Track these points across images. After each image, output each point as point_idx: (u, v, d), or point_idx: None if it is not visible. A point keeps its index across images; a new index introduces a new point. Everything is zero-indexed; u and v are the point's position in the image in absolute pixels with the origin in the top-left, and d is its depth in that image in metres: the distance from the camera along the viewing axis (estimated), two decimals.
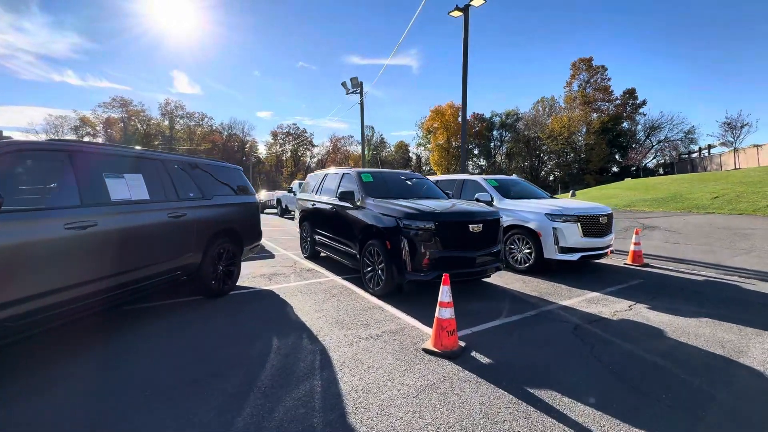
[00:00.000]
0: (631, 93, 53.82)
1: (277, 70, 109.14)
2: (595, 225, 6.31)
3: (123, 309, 4.39)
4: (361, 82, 19.98)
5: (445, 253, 4.61)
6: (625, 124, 53.47)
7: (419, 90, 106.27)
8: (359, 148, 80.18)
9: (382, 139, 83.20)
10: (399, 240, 4.59)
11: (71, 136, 61.44)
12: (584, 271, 6.57)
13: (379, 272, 4.95)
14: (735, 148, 28.40)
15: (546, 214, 6.24)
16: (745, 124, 26.47)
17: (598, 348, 3.49)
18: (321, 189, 7.29)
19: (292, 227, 14.32)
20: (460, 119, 61.03)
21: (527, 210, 6.56)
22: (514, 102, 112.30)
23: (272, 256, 8.03)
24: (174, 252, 4.18)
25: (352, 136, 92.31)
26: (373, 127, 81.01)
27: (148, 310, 4.42)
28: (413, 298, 4.97)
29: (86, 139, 59.76)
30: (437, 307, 3.40)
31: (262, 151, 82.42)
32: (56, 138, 26.05)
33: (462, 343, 3.46)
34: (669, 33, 79.07)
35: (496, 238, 5.13)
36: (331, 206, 6.45)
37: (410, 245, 4.54)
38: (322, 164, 79.31)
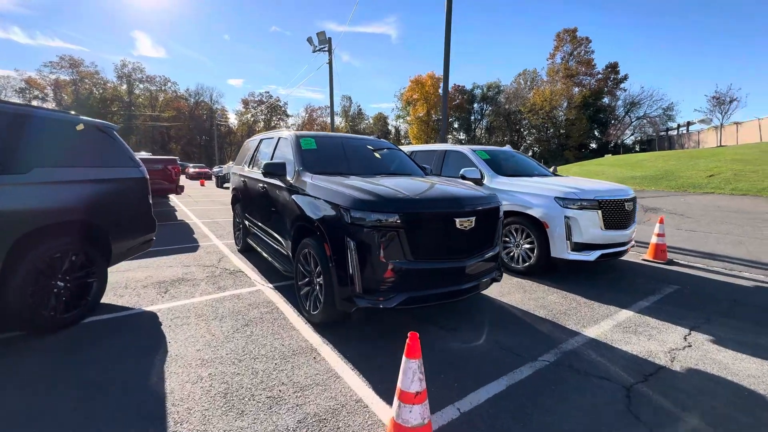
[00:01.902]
0: (613, 67, 52.59)
1: (249, 34, 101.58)
2: (619, 213, 4.73)
3: None
4: (330, 38, 17.42)
5: (417, 264, 2.89)
6: (606, 100, 52.57)
7: (399, 60, 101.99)
8: (336, 119, 76.77)
9: (360, 110, 79.71)
10: (344, 242, 2.83)
11: (16, 99, 54.98)
12: (597, 272, 5.06)
13: (318, 288, 3.22)
14: (722, 124, 27.73)
15: (556, 197, 4.60)
16: (734, 99, 25.60)
17: None
18: (254, 159, 5.37)
19: None
20: (440, 90, 58.96)
21: (529, 192, 4.89)
22: (496, 74, 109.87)
23: (195, 248, 6.12)
24: None
25: (328, 107, 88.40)
26: (350, 98, 77.52)
27: None
28: (372, 326, 3.28)
29: (35, 103, 53.61)
30: (396, 400, 1.71)
31: (233, 120, 77.48)
32: None
33: None
34: (657, 4, 77.68)
35: (494, 235, 3.45)
36: (260, 184, 4.58)
37: (361, 251, 2.79)
38: None
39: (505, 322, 3.48)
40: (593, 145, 52.70)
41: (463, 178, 5.27)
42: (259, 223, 4.73)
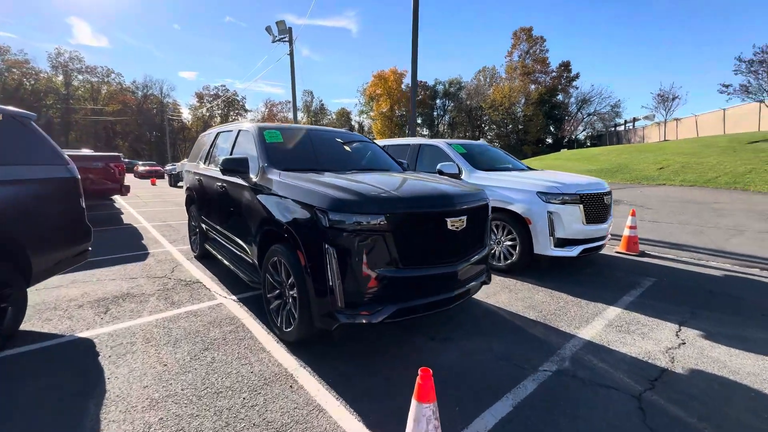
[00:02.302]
0: (566, 66, 55.06)
1: (202, 24, 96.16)
2: (598, 206, 4.67)
3: None
4: (290, 28, 16.55)
5: (405, 271, 2.55)
6: (560, 97, 55.02)
7: (360, 55, 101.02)
8: (299, 113, 74.75)
9: (323, 105, 78.05)
10: (321, 249, 2.43)
11: None
12: (577, 266, 5.00)
13: (291, 302, 2.79)
14: (665, 120, 29.75)
15: (538, 192, 4.43)
16: (676, 97, 27.57)
17: None
18: (211, 155, 4.78)
19: None
20: (404, 86, 59.14)
21: (510, 186, 4.71)
22: (457, 70, 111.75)
23: (143, 257, 5.42)
24: None
25: (289, 102, 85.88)
26: (312, 92, 75.76)
27: None
28: (354, 341, 2.91)
29: None
30: None
31: (186, 115, 73.13)
32: None
33: None
34: (609, 6, 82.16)
35: (484, 235, 3.19)
36: (219, 183, 4.04)
37: (342, 258, 2.41)
38: None
39: (496, 328, 3.24)
40: (549, 140, 55.03)
41: (441, 173, 5.00)
42: (219, 227, 4.19)
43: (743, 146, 15.62)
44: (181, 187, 20.60)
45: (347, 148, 4.22)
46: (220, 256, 4.23)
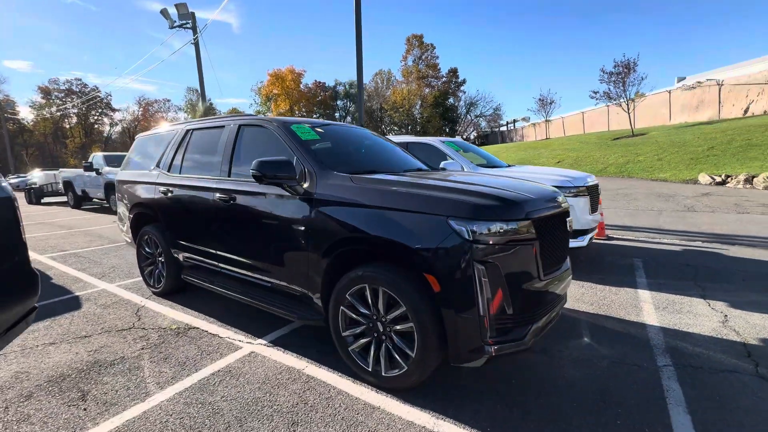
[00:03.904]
0: (454, 72, 60.34)
1: (34, 4, 77.83)
2: (595, 197, 4.99)
3: None
4: (193, 13, 14.24)
5: (544, 282, 2.23)
6: (451, 100, 60.12)
7: (244, 52, 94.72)
8: (181, 115, 66.43)
9: (212, 105, 70.80)
10: (465, 267, 1.94)
11: None
12: (570, 255, 5.28)
13: (394, 340, 2.21)
14: (546, 120, 34.78)
15: (554, 186, 4.51)
16: (553, 101, 32.50)
17: None
18: (184, 161, 3.67)
19: (102, 228, 9.10)
20: (302, 86, 57.46)
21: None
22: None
23: (74, 302, 3.92)
24: None
25: (169, 101, 75.91)
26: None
27: None
28: (452, 373, 2.44)
29: None
30: None
31: (25, 114, 58.51)
32: None
33: None
34: (493, 20, 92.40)
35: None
36: (223, 195, 3.08)
37: (494, 277, 1.96)
38: (128, 134, 62.34)
39: (577, 328, 3.13)
40: None
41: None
42: (223, 254, 3.19)
43: (611, 142, 19.15)
44: (50, 203, 16.30)
45: (378, 145, 3.63)
46: (221, 290, 3.25)
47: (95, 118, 63.72)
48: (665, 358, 2.63)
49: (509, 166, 6.11)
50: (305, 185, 2.56)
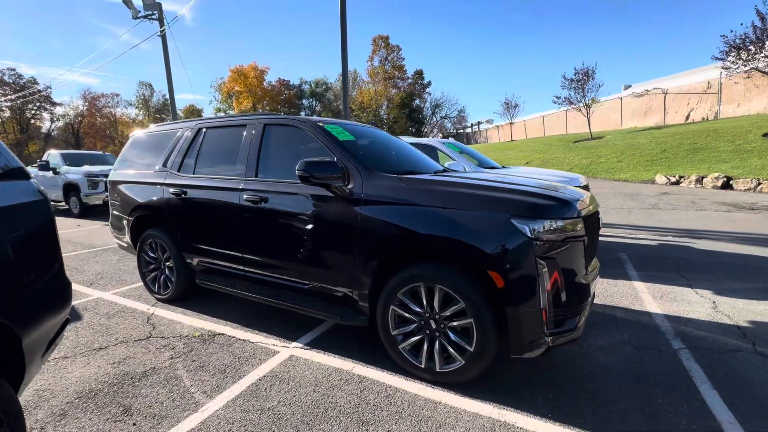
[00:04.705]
0: (419, 74, 61.29)
1: None
2: None
3: None
4: (159, 3, 13.37)
5: (587, 274, 2.40)
6: (417, 101, 61.06)
7: (201, 47, 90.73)
8: (131, 110, 62.32)
9: (166, 100, 67.01)
10: (527, 264, 2.05)
11: None
12: None
13: (449, 335, 2.28)
14: (511, 123, 36.27)
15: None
16: (517, 104, 34.05)
17: None
18: (198, 160, 3.51)
19: (69, 232, 8.41)
20: (266, 83, 55.92)
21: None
22: (321, 71, 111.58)
23: (74, 315, 3.62)
24: None
25: (118, 95, 70.89)
26: (151, 85, 64.43)
27: None
28: (507, 364, 2.55)
29: None
30: None
31: None
32: None
33: None
34: (458, 24, 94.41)
35: None
36: (253, 196, 2.99)
37: (553, 272, 2.08)
38: (72, 130, 57.65)
39: (591, 318, 3.35)
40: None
41: None
42: (254, 257, 3.09)
43: (573, 145, 20.39)
44: None
45: (402, 146, 3.66)
46: (245, 293, 3.15)
47: (33, 112, 58.16)
48: (678, 342, 2.90)
49: (503, 167, 6.37)
50: (350, 186, 2.57)
